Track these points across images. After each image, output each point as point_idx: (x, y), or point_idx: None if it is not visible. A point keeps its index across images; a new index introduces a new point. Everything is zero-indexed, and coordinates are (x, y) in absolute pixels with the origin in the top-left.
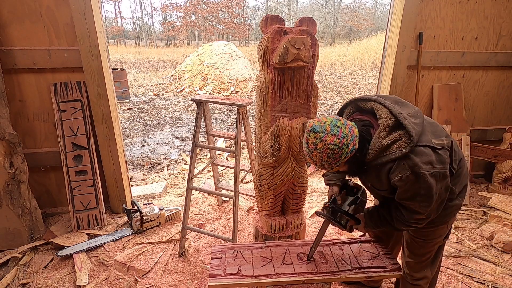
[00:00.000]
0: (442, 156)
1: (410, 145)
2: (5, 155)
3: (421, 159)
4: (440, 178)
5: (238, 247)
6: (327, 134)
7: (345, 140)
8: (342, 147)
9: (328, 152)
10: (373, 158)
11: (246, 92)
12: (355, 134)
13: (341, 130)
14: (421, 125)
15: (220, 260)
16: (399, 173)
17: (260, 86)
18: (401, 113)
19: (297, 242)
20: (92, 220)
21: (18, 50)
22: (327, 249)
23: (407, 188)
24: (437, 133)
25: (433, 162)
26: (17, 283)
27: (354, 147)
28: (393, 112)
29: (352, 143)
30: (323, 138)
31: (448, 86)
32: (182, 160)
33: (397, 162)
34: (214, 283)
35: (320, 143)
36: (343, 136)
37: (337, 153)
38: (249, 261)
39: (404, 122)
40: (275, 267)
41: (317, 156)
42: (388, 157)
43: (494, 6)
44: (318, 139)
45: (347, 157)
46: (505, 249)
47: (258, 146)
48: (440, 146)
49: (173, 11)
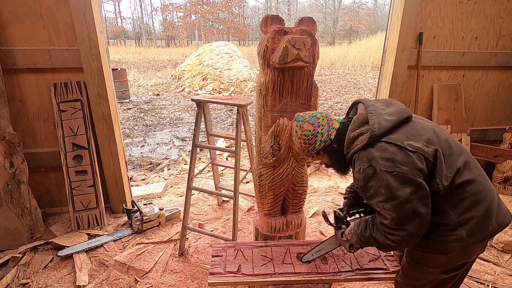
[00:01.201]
0: (413, 159)
1: (369, 138)
2: (5, 155)
3: (381, 154)
4: (405, 181)
5: (238, 245)
6: (305, 122)
7: (320, 128)
8: (316, 135)
9: (304, 138)
10: (346, 151)
11: (246, 92)
12: (333, 126)
13: (318, 120)
14: (392, 122)
15: (220, 258)
16: (358, 164)
17: (260, 86)
18: (374, 110)
19: (297, 242)
20: (92, 220)
21: (18, 50)
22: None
23: (366, 183)
24: (419, 137)
25: (395, 161)
26: (17, 283)
27: (329, 136)
28: (367, 109)
29: (327, 133)
30: (301, 126)
31: (448, 86)
32: (182, 160)
33: (358, 153)
34: (214, 280)
35: (299, 129)
36: (318, 125)
37: (311, 139)
38: (249, 260)
39: (370, 117)
40: (275, 266)
41: (298, 142)
42: (353, 149)
43: (494, 6)
44: (298, 127)
45: (321, 144)
46: (505, 249)
47: (258, 146)
48: (413, 149)
49: (173, 11)
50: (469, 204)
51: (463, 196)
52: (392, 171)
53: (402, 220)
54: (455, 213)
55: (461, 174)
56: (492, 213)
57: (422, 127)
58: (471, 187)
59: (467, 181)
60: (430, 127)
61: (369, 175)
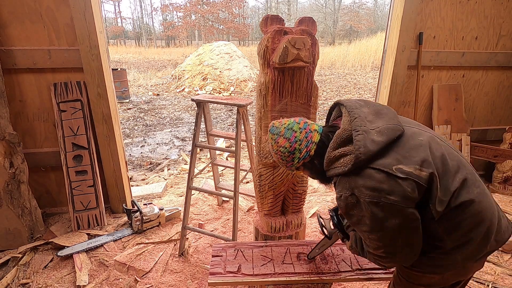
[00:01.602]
0: (402, 187)
1: (353, 164)
2: (5, 155)
3: (365, 182)
4: (393, 212)
5: (239, 245)
6: (280, 137)
7: (297, 145)
8: (294, 152)
9: (280, 154)
10: (326, 168)
11: (246, 92)
12: (312, 140)
13: (294, 134)
14: (380, 145)
15: (220, 258)
16: (339, 191)
17: (260, 86)
18: (360, 126)
19: (297, 242)
20: (92, 220)
21: (18, 50)
22: (327, 250)
23: (348, 211)
24: (411, 159)
25: (382, 190)
26: (17, 283)
27: (308, 153)
28: (353, 123)
29: (306, 149)
30: (276, 140)
31: (448, 86)
32: (182, 160)
33: (339, 178)
34: (214, 280)
35: (275, 144)
36: (295, 141)
37: (288, 156)
38: (249, 260)
39: (355, 138)
40: (275, 266)
41: (275, 156)
42: (334, 171)
43: (494, 6)
44: (273, 140)
45: (300, 162)
46: (505, 249)
47: (258, 146)
48: (404, 175)
49: (173, 11)
50: (467, 227)
51: (460, 218)
52: (378, 201)
53: (390, 251)
54: (451, 238)
55: (458, 195)
56: (492, 232)
57: (415, 145)
58: (469, 208)
59: (465, 202)
60: (425, 143)
61: (352, 203)
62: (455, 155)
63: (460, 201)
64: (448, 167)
